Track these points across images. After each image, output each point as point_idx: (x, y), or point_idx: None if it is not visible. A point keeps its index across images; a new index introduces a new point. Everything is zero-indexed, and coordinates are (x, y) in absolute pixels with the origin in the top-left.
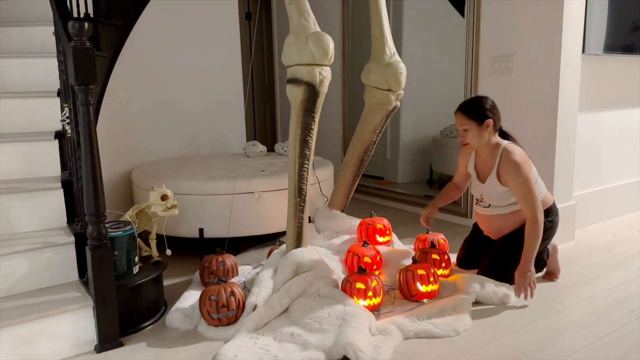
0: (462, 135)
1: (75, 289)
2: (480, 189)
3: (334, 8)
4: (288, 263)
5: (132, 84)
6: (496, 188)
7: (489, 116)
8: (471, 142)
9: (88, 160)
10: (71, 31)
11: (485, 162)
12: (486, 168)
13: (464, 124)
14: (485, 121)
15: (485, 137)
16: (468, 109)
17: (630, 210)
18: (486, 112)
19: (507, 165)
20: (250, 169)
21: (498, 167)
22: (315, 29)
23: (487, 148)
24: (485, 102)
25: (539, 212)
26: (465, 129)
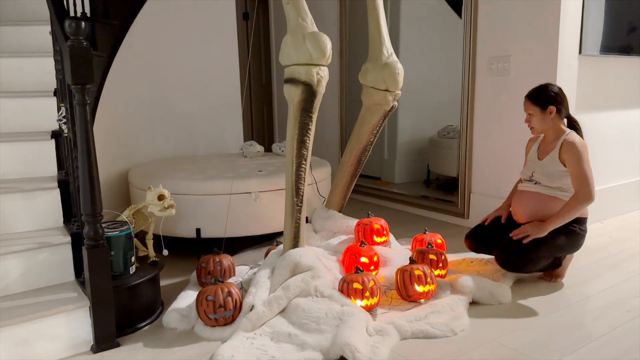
0: (527, 119)
1: (71, 289)
2: (535, 166)
3: (331, 8)
4: (285, 263)
5: (129, 84)
6: (554, 166)
7: (553, 103)
8: (535, 126)
9: (85, 160)
10: (68, 30)
11: (547, 144)
12: (547, 149)
13: (529, 109)
14: (548, 107)
15: (548, 122)
16: (533, 95)
17: (626, 211)
18: (550, 98)
19: (569, 146)
20: (248, 169)
21: (560, 149)
22: (312, 29)
23: (552, 132)
24: (551, 89)
25: (588, 192)
26: (530, 114)
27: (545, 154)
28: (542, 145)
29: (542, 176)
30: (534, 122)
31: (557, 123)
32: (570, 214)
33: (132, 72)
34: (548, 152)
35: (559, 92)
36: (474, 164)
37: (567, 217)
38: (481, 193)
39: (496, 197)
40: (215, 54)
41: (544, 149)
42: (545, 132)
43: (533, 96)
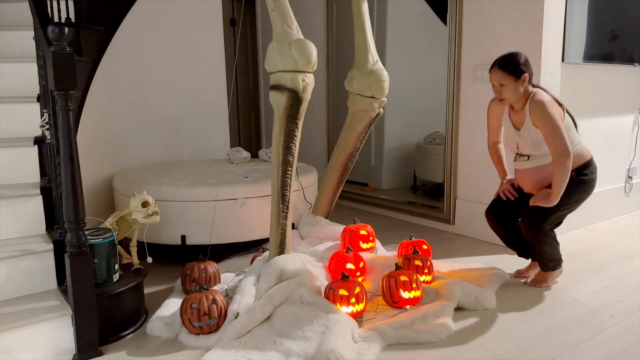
0: (497, 91)
1: (53, 297)
2: (516, 137)
3: (318, 15)
4: (271, 270)
5: (114, 89)
6: (531, 133)
7: (525, 70)
8: (508, 97)
9: (67, 167)
10: (51, 36)
11: (518, 112)
12: (520, 117)
13: (501, 79)
14: (522, 75)
15: (520, 91)
16: (505, 64)
17: (609, 217)
18: (522, 66)
19: (533, 106)
20: (234, 175)
21: (530, 115)
22: (298, 36)
23: (522, 100)
24: (520, 56)
25: (561, 151)
26: (501, 84)
27: (520, 124)
28: (513, 115)
29: (528, 148)
30: (507, 93)
31: (526, 90)
32: (561, 179)
33: (118, 77)
34: (521, 121)
35: (527, 59)
36: (459, 170)
37: (563, 183)
38: (466, 199)
39: (481, 202)
40: (202, 59)
41: (518, 119)
42: (516, 101)
43: (505, 65)
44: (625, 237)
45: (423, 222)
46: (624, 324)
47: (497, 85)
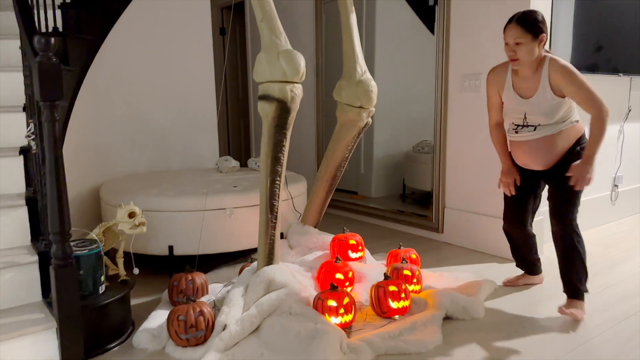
0: (512, 49)
1: (38, 310)
2: (526, 106)
3: (307, 25)
4: (259, 281)
5: (102, 99)
6: (550, 100)
7: (544, 30)
8: (522, 57)
9: (53, 178)
10: (37, 46)
11: (527, 79)
12: (530, 83)
13: (518, 37)
14: (540, 35)
15: (536, 53)
16: (524, 21)
17: (595, 225)
18: (542, 25)
19: (560, 71)
20: (222, 184)
21: (549, 76)
22: (286, 47)
23: (533, 64)
24: (539, 14)
25: (603, 107)
26: (518, 43)
27: (531, 90)
28: (518, 82)
29: (539, 116)
30: (523, 53)
31: (539, 54)
32: (600, 135)
33: (106, 86)
34: (534, 88)
35: (544, 19)
36: (447, 178)
37: (600, 138)
38: (455, 207)
39: (470, 211)
40: (191, 68)
41: (526, 87)
42: (530, 63)
43: (524, 21)
44: (611, 246)
45: (412, 231)
46: (609, 333)
47: (512, 44)
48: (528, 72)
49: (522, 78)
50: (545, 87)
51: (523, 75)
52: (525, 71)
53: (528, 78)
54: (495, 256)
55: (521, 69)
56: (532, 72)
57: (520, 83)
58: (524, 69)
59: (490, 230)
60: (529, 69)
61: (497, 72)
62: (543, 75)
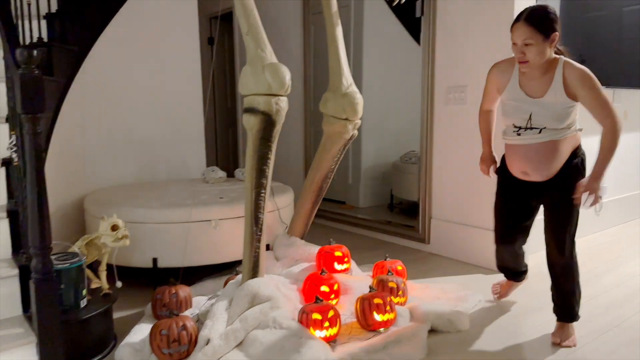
0: (521, 51)
1: (18, 325)
2: (532, 107)
3: (295, 36)
4: (243, 294)
5: (88, 108)
6: (562, 103)
7: (556, 28)
8: (532, 59)
9: (34, 191)
10: (19, 59)
11: (536, 79)
12: (539, 83)
13: (527, 37)
14: (552, 35)
15: (547, 54)
16: (535, 19)
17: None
18: (554, 23)
19: (577, 72)
20: (208, 195)
21: (564, 79)
22: (272, 60)
23: (545, 64)
24: (550, 10)
25: (619, 119)
26: (527, 44)
27: (541, 90)
28: (526, 82)
29: (547, 119)
30: (532, 55)
31: (551, 54)
32: (611, 150)
33: (92, 96)
34: (543, 87)
35: (557, 15)
36: (433, 189)
37: (611, 153)
38: (441, 218)
39: (456, 222)
40: (178, 78)
41: (534, 85)
42: (541, 64)
43: (534, 19)
44: (595, 257)
45: (399, 241)
46: (593, 344)
47: (520, 44)
48: (537, 73)
49: (530, 78)
50: (558, 89)
51: (531, 75)
52: (533, 72)
53: (537, 78)
54: (481, 267)
55: (537, 71)
56: (541, 73)
57: (528, 81)
58: (534, 69)
59: (476, 241)
60: (538, 70)
61: (502, 68)
62: (556, 76)
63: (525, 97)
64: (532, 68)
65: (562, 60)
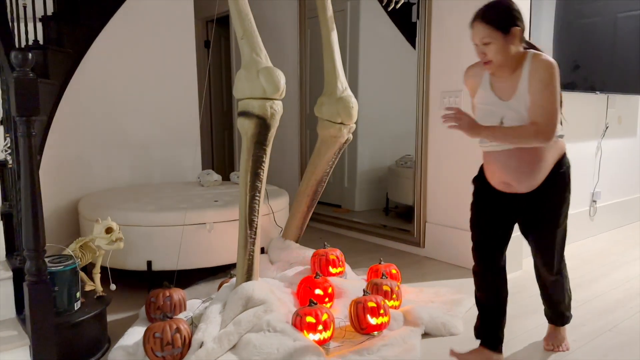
0: (482, 51)
1: (11, 327)
2: (502, 110)
3: (292, 40)
4: (237, 297)
5: (83, 111)
6: (527, 101)
7: (516, 23)
8: (494, 59)
9: (28, 193)
10: (14, 62)
11: (506, 78)
12: (509, 83)
13: (485, 36)
14: (511, 29)
15: (511, 51)
16: (491, 16)
17: (573, 240)
18: (513, 16)
19: (541, 65)
20: (203, 198)
21: (530, 73)
22: (266, 64)
23: (512, 61)
24: (509, 5)
25: (552, 130)
26: (486, 43)
27: (510, 91)
28: (497, 81)
29: (517, 122)
30: (492, 53)
31: (517, 50)
32: (518, 139)
33: (87, 99)
34: (513, 87)
35: (518, 8)
36: (428, 193)
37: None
38: (436, 222)
39: (450, 226)
40: (174, 81)
41: (504, 86)
42: (507, 63)
43: (490, 17)
44: (589, 261)
45: (394, 245)
46: (586, 348)
47: (480, 44)
48: (506, 72)
49: (500, 77)
50: (524, 88)
51: (501, 75)
52: (501, 71)
53: (507, 77)
54: None
55: (498, 69)
56: (510, 72)
57: (498, 83)
58: (502, 68)
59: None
60: (507, 69)
61: (474, 71)
62: (524, 73)
63: (496, 100)
64: (497, 68)
65: (530, 54)
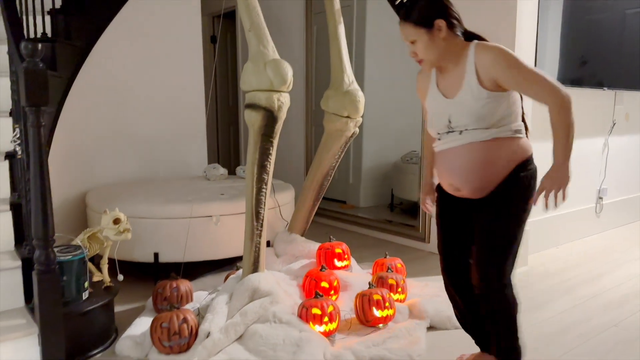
0: (412, 50)
1: (20, 316)
2: (448, 108)
3: (298, 35)
4: (244, 289)
5: (90, 104)
6: (477, 95)
7: (439, 15)
8: (424, 56)
9: (37, 183)
10: (24, 52)
11: (450, 74)
12: (454, 79)
13: (410, 35)
14: (435, 23)
15: (440, 46)
16: (410, 13)
17: (580, 237)
18: (433, 9)
19: (489, 54)
20: (210, 192)
21: (476, 64)
22: (274, 56)
23: (451, 56)
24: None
25: (561, 91)
26: (413, 41)
27: (455, 88)
28: (442, 78)
29: (464, 117)
30: (421, 52)
31: (453, 42)
32: (568, 129)
33: (94, 92)
34: (457, 83)
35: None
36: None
37: (569, 132)
38: None
39: None
40: (180, 76)
41: (449, 83)
42: (440, 60)
43: (410, 14)
44: (595, 258)
45: (399, 241)
46: (591, 343)
47: (408, 44)
48: (449, 66)
49: (444, 74)
50: (471, 81)
51: (445, 72)
52: (445, 66)
53: (451, 73)
54: None
55: (441, 66)
56: (454, 63)
57: (443, 81)
58: (445, 62)
59: None
60: (449, 64)
61: (423, 73)
62: (467, 66)
63: (442, 99)
64: (431, 65)
65: (473, 45)
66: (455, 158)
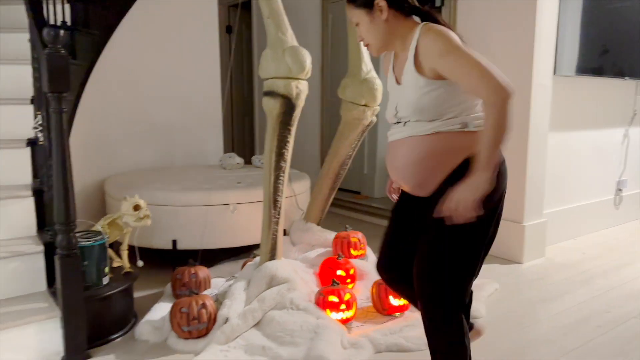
0: (358, 34)
1: (42, 300)
2: (396, 94)
3: (314, 24)
4: (261, 275)
5: (108, 93)
6: (413, 83)
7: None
8: (369, 40)
9: (59, 169)
10: (46, 38)
11: (399, 59)
12: (402, 64)
13: (353, 17)
14: (374, 4)
15: (381, 28)
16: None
17: (598, 229)
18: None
19: (427, 40)
20: (226, 180)
21: (415, 50)
22: (292, 43)
23: (398, 39)
24: None
25: (498, 85)
26: (357, 24)
27: (401, 73)
28: (396, 62)
29: (408, 109)
30: (364, 34)
31: (400, 24)
32: (496, 130)
33: (112, 81)
34: (402, 68)
35: None
36: None
37: (496, 135)
38: None
39: None
40: (196, 65)
41: (398, 68)
42: (388, 44)
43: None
44: (614, 250)
45: None
46: (610, 334)
47: (355, 27)
48: (398, 50)
49: (397, 58)
50: (409, 66)
51: (397, 55)
52: (396, 50)
53: (400, 59)
54: (497, 257)
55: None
56: (400, 50)
57: (396, 64)
58: (394, 45)
59: None
60: (398, 47)
61: (387, 56)
62: (410, 50)
63: (393, 84)
64: (377, 49)
65: (419, 27)
66: (396, 152)
